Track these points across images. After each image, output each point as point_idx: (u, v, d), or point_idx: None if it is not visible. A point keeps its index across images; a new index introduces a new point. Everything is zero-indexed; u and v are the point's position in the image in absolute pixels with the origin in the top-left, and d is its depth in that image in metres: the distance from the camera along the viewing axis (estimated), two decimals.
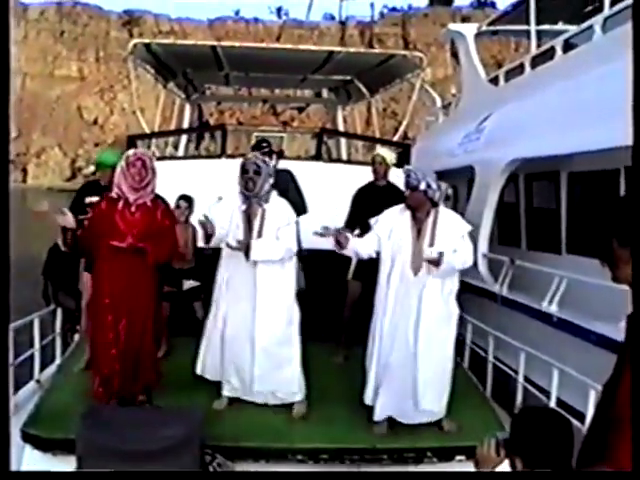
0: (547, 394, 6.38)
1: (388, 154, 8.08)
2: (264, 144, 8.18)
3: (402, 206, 6.05)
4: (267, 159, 6.53)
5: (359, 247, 6.00)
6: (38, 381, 7.28)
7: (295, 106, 21.22)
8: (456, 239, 5.91)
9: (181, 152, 12.71)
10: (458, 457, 5.75)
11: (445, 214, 6.01)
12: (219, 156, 9.68)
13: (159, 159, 10.65)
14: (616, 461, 2.20)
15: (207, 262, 7.32)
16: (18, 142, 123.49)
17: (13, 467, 5.06)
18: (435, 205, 5.92)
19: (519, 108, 10.05)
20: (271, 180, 6.32)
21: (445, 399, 6.11)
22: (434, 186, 5.86)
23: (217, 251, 6.63)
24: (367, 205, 7.21)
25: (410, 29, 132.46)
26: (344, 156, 13.61)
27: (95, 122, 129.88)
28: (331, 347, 7.80)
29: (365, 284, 7.07)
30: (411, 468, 5.78)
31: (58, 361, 7.95)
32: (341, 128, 15.17)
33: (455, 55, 14.76)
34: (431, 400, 6.01)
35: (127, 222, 6.05)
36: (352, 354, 7.28)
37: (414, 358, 5.90)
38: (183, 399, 6.31)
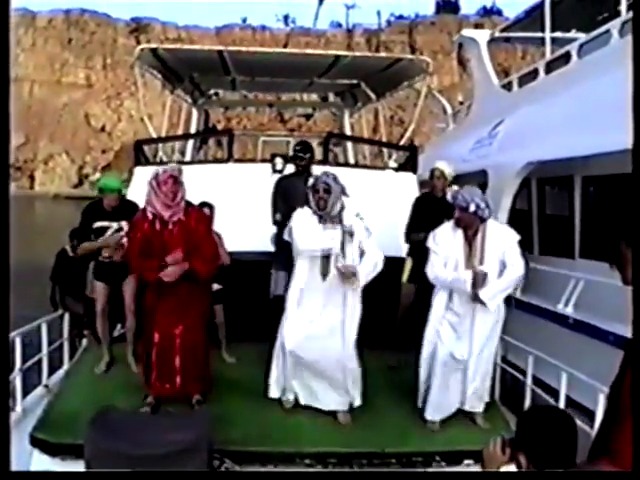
0: (557, 395, 6.38)
1: (447, 168, 8.02)
2: (300, 151, 7.93)
3: (452, 223, 6.17)
4: (337, 176, 6.40)
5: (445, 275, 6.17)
6: (46, 386, 7.26)
7: (302, 113, 21.28)
8: (506, 252, 6.08)
9: (188, 157, 12.71)
10: (466, 461, 5.75)
11: (493, 227, 6.16)
12: (226, 161, 9.67)
13: (166, 163, 10.68)
14: (617, 454, 2.20)
15: (229, 267, 7.44)
16: (25, 149, 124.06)
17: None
18: (484, 221, 6.06)
19: (534, 112, 10.00)
20: (343, 198, 6.27)
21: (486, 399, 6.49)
22: (482, 205, 6.01)
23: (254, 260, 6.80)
24: (426, 215, 7.34)
25: (417, 37, 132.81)
26: (351, 160, 13.60)
27: (102, 129, 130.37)
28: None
29: (420, 287, 7.13)
30: None
31: (66, 366, 7.93)
32: (348, 133, 15.16)
33: (462, 63, 14.73)
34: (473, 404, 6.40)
35: (168, 242, 6.18)
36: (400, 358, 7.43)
37: (465, 368, 6.20)
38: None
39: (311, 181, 6.26)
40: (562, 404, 6.18)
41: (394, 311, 7.99)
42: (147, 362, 6.46)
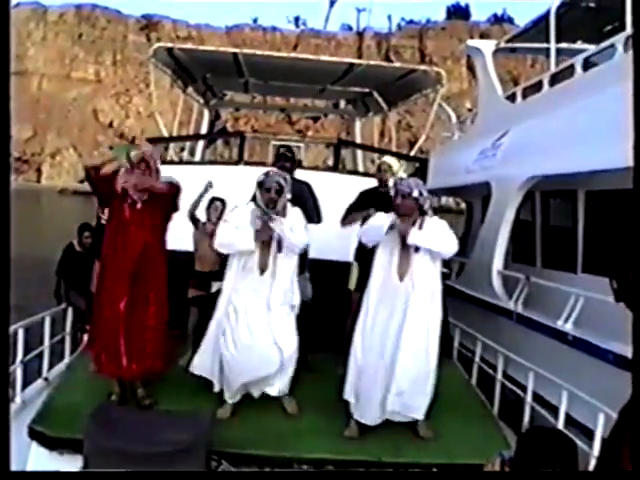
0: (558, 412, 6.37)
1: (395, 163, 8.05)
2: (288, 153, 8.00)
3: (391, 214, 6.10)
4: (287, 175, 6.48)
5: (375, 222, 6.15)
6: (46, 379, 7.31)
7: (310, 115, 21.32)
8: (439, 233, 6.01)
9: (198, 157, 12.76)
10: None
11: (431, 221, 6.08)
12: (237, 163, 9.71)
13: (176, 163, 10.71)
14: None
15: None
16: (33, 142, 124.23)
17: (18, 464, 5.10)
18: (423, 214, 6.02)
19: (537, 125, 10.00)
20: (289, 195, 6.33)
21: (425, 404, 6.16)
22: (425, 194, 6.02)
23: None
24: (368, 206, 7.18)
25: (427, 42, 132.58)
26: (360, 167, 13.62)
27: (110, 125, 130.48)
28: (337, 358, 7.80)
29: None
30: None
31: (67, 360, 7.98)
32: (358, 140, 15.20)
33: (472, 69, 14.74)
34: (394, 402, 6.06)
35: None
36: None
37: (392, 363, 5.98)
38: (187, 404, 6.35)
39: (261, 178, 6.28)
40: (561, 422, 6.19)
41: (344, 316, 7.92)
42: (93, 338, 6.45)
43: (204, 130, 14.24)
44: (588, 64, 9.63)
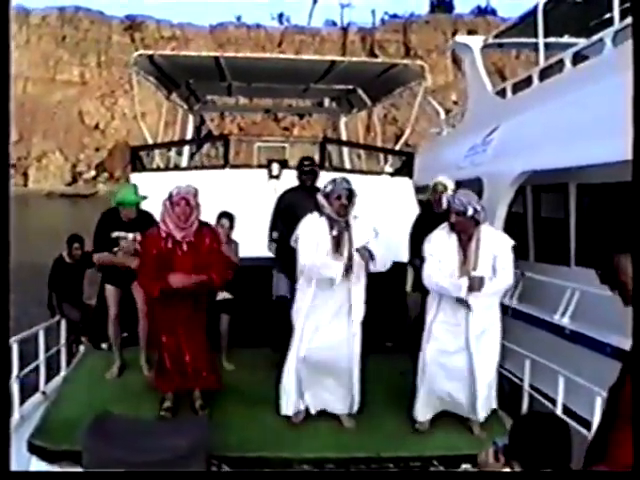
0: (555, 403, 6.41)
1: (449, 183, 8.03)
2: (306, 162, 8.04)
3: (447, 227, 6.15)
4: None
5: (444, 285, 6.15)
6: (44, 393, 7.28)
7: (295, 112, 21.30)
8: (498, 257, 6.11)
9: (184, 162, 12.72)
10: (464, 465, 5.79)
11: (487, 232, 6.16)
12: (223, 166, 9.69)
13: (162, 170, 10.68)
14: (614, 460, 2.22)
15: (241, 276, 7.42)
16: (19, 146, 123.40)
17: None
18: (478, 224, 6.06)
19: (528, 120, 10.01)
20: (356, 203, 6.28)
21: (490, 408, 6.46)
22: (479, 208, 6.02)
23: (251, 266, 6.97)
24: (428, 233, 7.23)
25: (411, 36, 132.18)
26: (347, 164, 13.62)
27: (96, 127, 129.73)
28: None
29: (425, 295, 7.09)
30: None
31: (63, 372, 7.95)
32: (344, 137, 15.19)
33: (456, 62, 14.76)
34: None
35: (180, 261, 6.33)
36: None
37: (465, 381, 6.23)
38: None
39: (330, 187, 6.17)
40: (559, 409, 6.23)
41: (400, 316, 8.01)
42: (159, 363, 6.64)
43: (189, 135, 14.21)
44: (578, 58, 9.64)
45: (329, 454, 5.92)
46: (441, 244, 6.14)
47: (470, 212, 5.96)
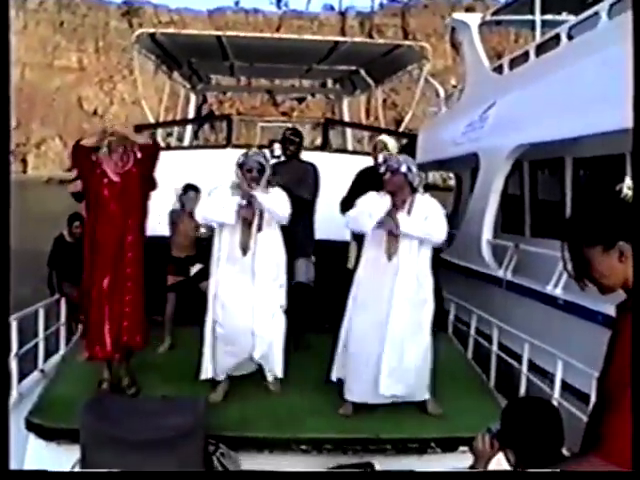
0: (552, 378, 6.39)
1: (391, 141, 8.00)
2: (294, 137, 7.89)
3: (382, 192, 6.06)
4: (267, 154, 6.54)
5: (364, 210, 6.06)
6: (42, 371, 7.28)
7: (295, 96, 21.21)
8: (429, 218, 5.95)
9: (187, 142, 12.68)
10: (462, 448, 5.73)
11: (422, 200, 6.04)
12: (225, 146, 9.65)
13: (164, 149, 10.64)
14: (605, 444, 2.19)
15: (206, 245, 7.29)
16: (18, 132, 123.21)
17: (16, 456, 5.07)
18: (414, 191, 5.98)
19: (524, 95, 10.05)
20: (269, 174, 6.35)
21: (425, 382, 6.21)
22: (414, 170, 5.97)
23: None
24: (367, 188, 7.13)
25: (410, 20, 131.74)
26: (349, 146, 13.59)
27: (95, 112, 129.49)
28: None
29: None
30: (414, 458, 5.77)
31: (62, 351, 7.95)
32: (346, 119, 15.14)
33: (455, 46, 14.72)
34: (390, 385, 6.05)
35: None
36: None
37: (382, 342, 5.98)
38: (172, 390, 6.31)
39: (241, 159, 6.33)
40: (557, 391, 6.20)
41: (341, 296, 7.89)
42: (85, 323, 6.51)
43: (192, 115, 14.16)
44: (573, 33, 9.61)
45: (327, 435, 5.90)
46: (373, 203, 6.03)
47: (404, 169, 5.88)
